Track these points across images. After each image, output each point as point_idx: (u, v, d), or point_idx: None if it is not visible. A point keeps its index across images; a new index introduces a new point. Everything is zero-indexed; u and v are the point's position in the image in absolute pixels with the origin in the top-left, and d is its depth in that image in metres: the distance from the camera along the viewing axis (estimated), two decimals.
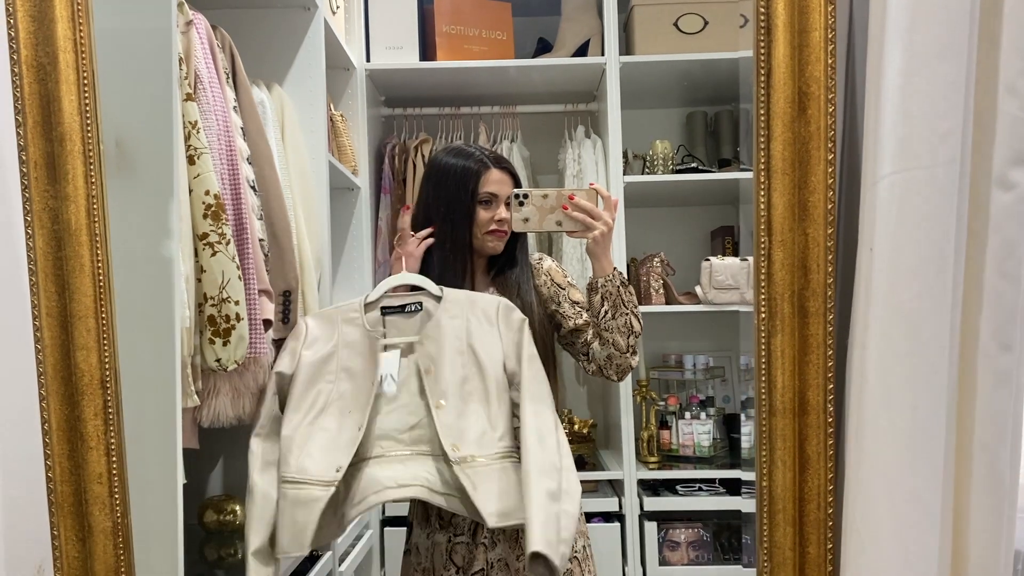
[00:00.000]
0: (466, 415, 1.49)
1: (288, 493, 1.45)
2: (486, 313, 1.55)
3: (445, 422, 1.47)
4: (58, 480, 1.19)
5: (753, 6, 1.18)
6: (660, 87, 2.93)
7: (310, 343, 1.56)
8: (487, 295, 1.60)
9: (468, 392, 1.50)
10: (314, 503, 1.43)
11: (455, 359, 1.51)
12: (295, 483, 1.46)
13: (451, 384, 1.50)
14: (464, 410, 1.49)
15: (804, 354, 1.21)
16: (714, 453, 2.71)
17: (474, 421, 1.48)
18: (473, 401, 1.50)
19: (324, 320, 1.59)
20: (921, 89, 1.06)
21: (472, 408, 1.49)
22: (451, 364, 1.51)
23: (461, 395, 1.50)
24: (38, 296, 1.18)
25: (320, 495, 1.44)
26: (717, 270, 2.65)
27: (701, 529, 2.67)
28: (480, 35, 2.79)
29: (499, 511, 1.41)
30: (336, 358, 1.55)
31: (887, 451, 1.12)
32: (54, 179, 1.18)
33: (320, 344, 1.56)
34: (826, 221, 1.19)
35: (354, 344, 1.55)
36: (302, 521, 1.43)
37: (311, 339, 1.56)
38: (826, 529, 1.22)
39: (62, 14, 1.16)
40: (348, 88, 2.63)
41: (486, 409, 1.50)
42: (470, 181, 1.65)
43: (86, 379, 1.19)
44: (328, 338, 1.56)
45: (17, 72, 1.16)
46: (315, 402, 1.52)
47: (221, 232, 1.44)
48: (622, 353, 1.63)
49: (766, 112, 1.18)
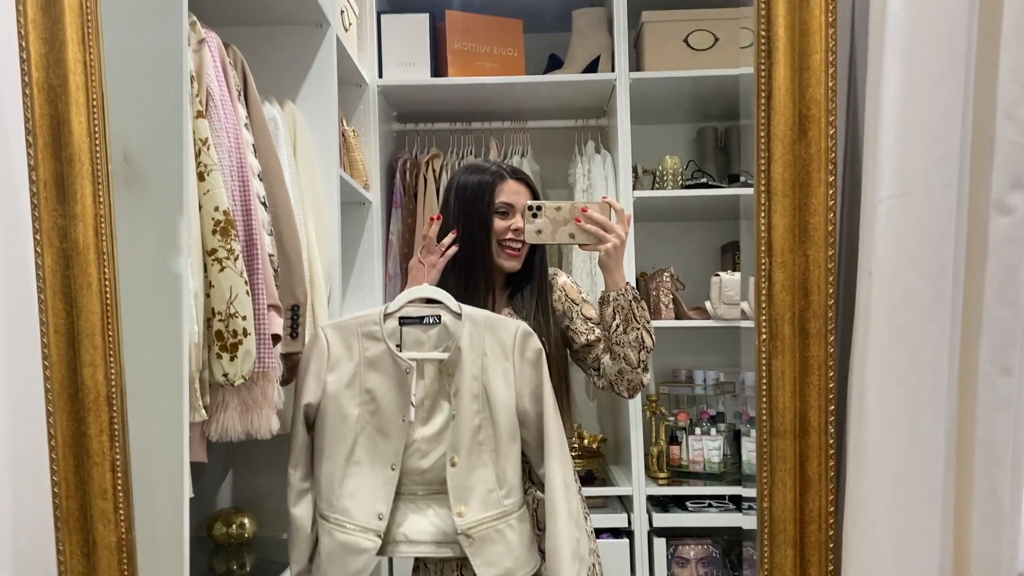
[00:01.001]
0: (475, 470, 1.52)
1: (335, 534, 1.51)
2: (503, 343, 1.54)
3: (456, 483, 1.51)
4: (63, 495, 1.21)
5: (754, 29, 1.19)
6: (670, 103, 2.94)
7: (333, 364, 1.53)
8: (506, 319, 1.59)
9: (480, 443, 1.52)
10: (363, 554, 1.50)
11: (471, 404, 1.52)
12: (339, 525, 1.51)
13: (466, 434, 1.52)
14: (475, 464, 1.52)
15: (805, 375, 1.20)
16: (724, 469, 2.70)
17: (482, 478, 1.52)
18: (484, 453, 1.52)
19: (342, 332, 1.55)
20: (918, 113, 1.07)
21: (482, 461, 1.52)
22: (467, 409, 1.52)
23: (473, 447, 1.52)
24: (46, 313, 1.20)
25: (368, 547, 1.50)
26: (727, 285, 2.65)
27: (711, 546, 2.66)
28: (491, 52, 2.81)
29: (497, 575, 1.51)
30: (359, 379, 1.53)
31: (887, 473, 1.12)
32: (63, 199, 1.20)
33: (343, 365, 1.53)
34: (827, 243, 1.19)
35: (376, 362, 1.53)
36: (354, 569, 1.50)
37: (334, 359, 1.53)
38: (827, 551, 1.21)
39: (73, 37, 1.18)
40: (360, 104, 2.65)
41: (495, 463, 1.52)
42: (487, 192, 1.66)
43: (92, 396, 1.20)
44: (349, 356, 1.53)
45: (28, 94, 1.18)
46: (346, 434, 1.52)
47: (230, 248, 1.45)
48: (633, 368, 1.63)
49: (766, 134, 1.19)
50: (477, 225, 1.66)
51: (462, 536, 1.49)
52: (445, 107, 2.92)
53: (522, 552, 1.53)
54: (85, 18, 1.17)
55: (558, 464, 1.54)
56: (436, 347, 1.54)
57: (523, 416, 1.54)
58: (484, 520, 1.51)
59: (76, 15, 1.17)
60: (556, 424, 1.55)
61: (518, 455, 1.55)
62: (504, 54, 2.82)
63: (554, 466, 1.53)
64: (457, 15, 2.80)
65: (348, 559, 1.50)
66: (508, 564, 1.51)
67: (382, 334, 1.53)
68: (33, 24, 1.17)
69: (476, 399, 1.52)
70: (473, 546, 1.50)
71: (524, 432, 1.56)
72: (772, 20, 1.17)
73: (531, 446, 1.58)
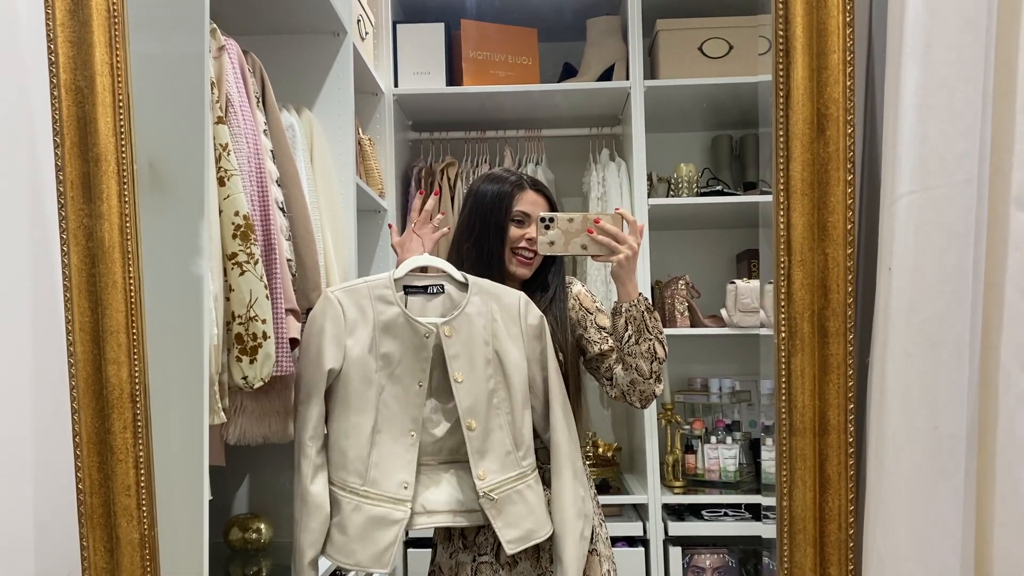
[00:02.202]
0: (492, 433, 1.53)
1: (365, 508, 1.48)
2: (509, 309, 1.56)
3: (475, 447, 1.51)
4: (88, 492, 1.22)
5: (772, 28, 1.20)
6: (685, 111, 2.94)
7: (351, 328, 1.49)
8: (508, 288, 1.60)
9: (496, 406, 1.53)
10: (394, 525, 1.48)
11: (484, 369, 1.53)
12: (367, 497, 1.48)
13: (480, 398, 1.52)
14: (492, 427, 1.53)
15: (824, 374, 1.20)
16: (740, 478, 2.69)
17: (500, 440, 1.53)
18: (500, 416, 1.53)
19: (353, 296, 1.51)
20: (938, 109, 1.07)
21: (498, 424, 1.53)
22: (481, 374, 1.53)
23: (488, 411, 1.52)
24: (71, 311, 1.21)
25: (399, 517, 1.48)
26: (743, 293, 2.64)
27: (726, 555, 2.64)
28: (506, 60, 2.83)
29: (518, 537, 1.52)
30: (375, 344, 1.51)
31: (908, 471, 1.12)
32: (89, 198, 1.21)
33: (360, 330, 1.49)
34: (846, 241, 1.19)
35: (391, 327, 1.51)
36: (384, 542, 1.47)
37: (350, 323, 1.49)
38: (847, 550, 1.21)
39: (100, 39, 1.20)
40: (376, 112, 2.67)
41: (511, 425, 1.54)
42: (504, 200, 1.68)
43: (116, 393, 1.22)
44: (364, 320, 1.50)
45: (56, 95, 1.20)
46: (371, 400, 1.50)
47: (249, 252, 1.46)
48: (645, 379, 1.63)
49: (785, 133, 1.19)
50: (493, 232, 1.68)
51: (484, 499, 1.49)
52: (460, 116, 2.93)
53: (540, 513, 1.54)
54: (112, 20, 1.19)
55: (562, 425, 1.56)
56: (442, 315, 1.54)
57: (531, 381, 1.56)
58: (505, 481, 1.52)
59: (103, 18, 1.19)
60: (560, 388, 1.58)
61: (530, 417, 1.57)
62: (519, 63, 2.83)
63: (559, 427, 1.56)
64: (472, 24, 2.82)
65: (379, 532, 1.47)
66: (529, 525, 1.52)
67: (395, 299, 1.52)
68: (61, 27, 1.19)
69: (489, 364, 1.53)
70: (495, 507, 1.50)
71: (532, 398, 1.57)
72: (790, 20, 1.18)
73: (537, 411, 1.59)
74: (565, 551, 1.53)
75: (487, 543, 1.64)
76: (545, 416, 1.58)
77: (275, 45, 2.04)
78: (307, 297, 1.74)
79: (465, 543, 1.67)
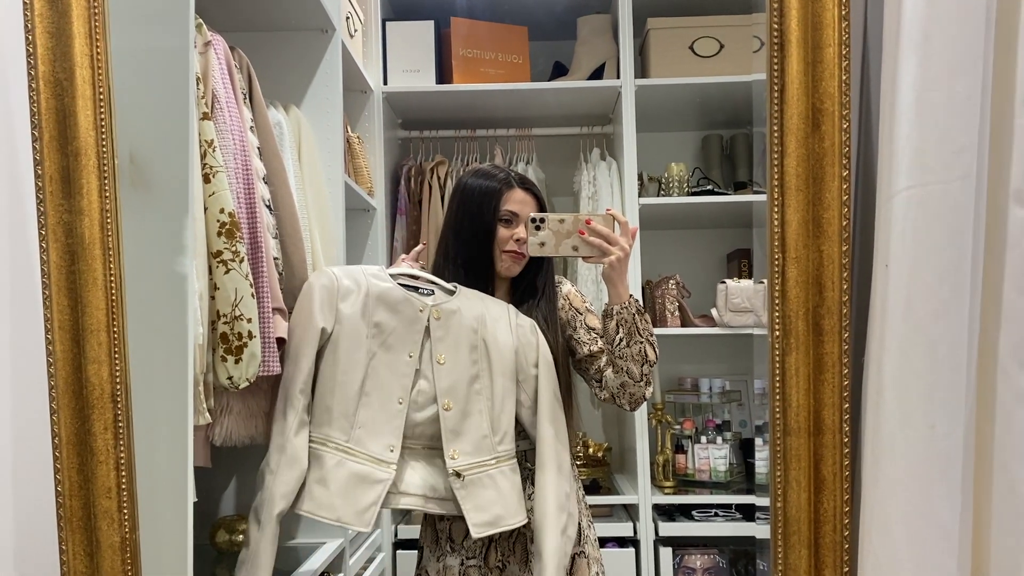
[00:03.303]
0: (470, 416, 1.53)
1: (348, 464, 1.46)
2: (500, 310, 1.59)
3: (449, 427, 1.51)
4: (67, 494, 1.20)
5: (767, 22, 1.18)
6: (675, 110, 2.94)
7: (344, 294, 1.51)
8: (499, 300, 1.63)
9: (477, 392, 1.53)
10: (377, 484, 1.46)
11: (469, 354, 1.53)
12: (351, 453, 1.47)
13: (461, 382, 1.53)
14: (468, 410, 1.53)
15: (819, 373, 1.19)
16: (730, 478, 2.68)
17: (476, 423, 1.53)
18: (480, 401, 1.53)
19: (347, 270, 1.55)
20: (936, 104, 1.06)
21: (477, 408, 1.53)
22: (465, 359, 1.53)
23: (468, 394, 1.53)
24: (51, 309, 1.19)
25: (383, 477, 1.47)
26: (733, 292, 2.63)
27: (717, 555, 2.63)
28: (496, 59, 2.81)
29: (485, 521, 1.50)
30: (368, 311, 1.51)
31: (904, 471, 1.11)
32: (69, 193, 1.19)
33: (353, 296, 1.51)
34: (841, 238, 1.18)
35: (384, 298, 1.52)
36: (366, 500, 1.46)
37: (343, 289, 1.51)
38: (842, 551, 1.20)
39: (80, 31, 1.17)
40: (365, 110, 2.65)
41: (490, 410, 1.54)
42: (492, 199, 1.65)
43: (97, 392, 1.19)
44: (357, 289, 1.52)
45: (34, 87, 1.18)
46: (360, 361, 1.50)
47: (235, 250, 1.44)
48: (635, 382, 1.61)
49: (780, 129, 1.18)
50: (481, 232, 1.65)
51: (452, 476, 1.48)
52: (450, 114, 2.92)
53: (512, 501, 1.53)
54: (92, 12, 1.17)
55: (549, 421, 1.56)
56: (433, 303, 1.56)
57: (521, 375, 1.56)
58: (476, 464, 1.51)
59: (83, 8, 1.17)
60: (550, 385, 1.57)
61: (513, 407, 1.57)
62: (509, 61, 2.82)
63: (545, 422, 1.55)
64: (462, 22, 2.81)
65: (361, 490, 1.46)
66: (498, 510, 1.50)
67: (389, 278, 1.54)
68: (40, 18, 1.16)
69: (475, 350, 1.54)
70: (464, 488, 1.49)
71: (519, 392, 1.57)
72: (784, 13, 1.16)
73: (525, 407, 1.58)
74: (545, 545, 1.50)
75: (476, 546, 1.62)
76: (534, 411, 1.58)
77: (263, 41, 2.02)
78: (294, 296, 1.72)
79: (453, 546, 1.64)
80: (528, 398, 1.58)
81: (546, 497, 1.52)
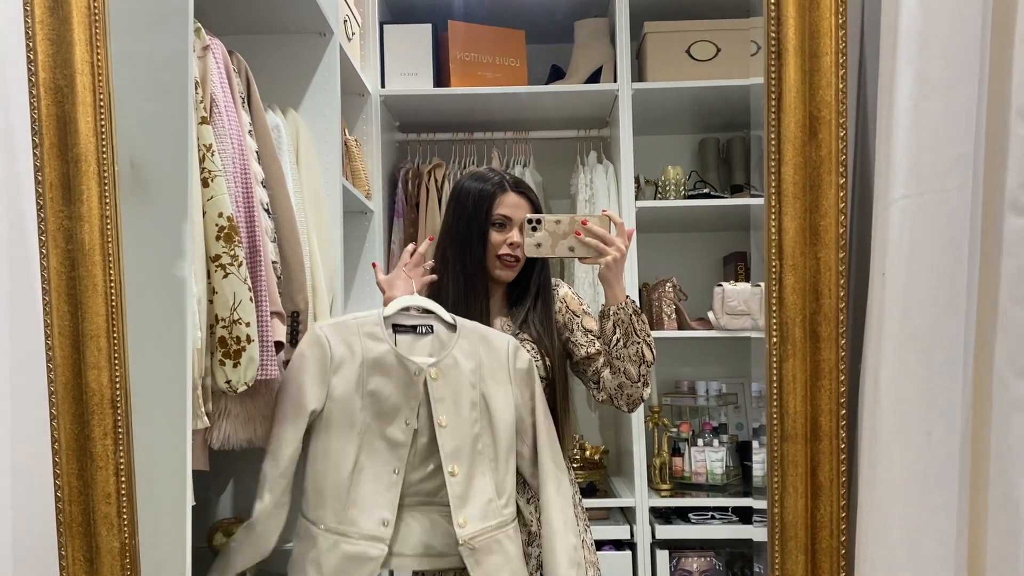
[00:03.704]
0: (475, 480, 1.50)
1: (342, 546, 1.46)
2: (498, 354, 1.54)
3: (456, 493, 1.48)
4: (67, 500, 1.20)
5: (764, 30, 1.19)
6: (672, 113, 2.94)
7: (337, 366, 1.47)
8: (497, 331, 1.59)
9: (479, 452, 1.51)
10: (369, 562, 1.46)
11: (469, 412, 1.50)
12: (345, 535, 1.46)
13: (464, 443, 1.50)
14: (473, 474, 1.50)
15: (816, 379, 1.20)
16: (727, 481, 2.69)
17: (481, 488, 1.50)
18: (484, 462, 1.51)
19: (342, 332, 1.49)
20: (933, 113, 1.06)
21: (481, 471, 1.50)
22: (466, 418, 1.50)
23: (472, 456, 1.50)
24: (51, 315, 1.19)
25: (376, 555, 1.46)
26: (729, 296, 2.64)
27: (714, 558, 2.64)
28: (494, 62, 2.81)
29: None
30: (362, 381, 1.48)
31: (901, 478, 1.11)
32: (69, 200, 1.19)
33: (347, 367, 1.47)
34: (838, 245, 1.18)
35: (379, 364, 1.48)
36: None
37: (337, 360, 1.47)
38: (839, 557, 1.20)
39: (80, 37, 1.17)
40: (363, 113, 2.65)
41: (494, 473, 1.51)
42: (485, 202, 1.65)
43: (96, 398, 1.19)
44: (352, 357, 1.48)
45: (35, 94, 1.18)
46: (353, 440, 1.47)
47: (233, 254, 1.44)
48: (633, 383, 1.61)
49: (777, 136, 1.18)
50: (475, 237, 1.65)
51: (463, 547, 1.46)
52: (447, 117, 2.92)
53: (518, 564, 1.52)
54: (93, 18, 1.17)
55: (551, 472, 1.54)
56: (430, 355, 1.52)
57: (519, 426, 1.54)
58: (485, 530, 1.49)
59: (84, 15, 1.17)
60: (548, 432, 1.55)
61: (515, 465, 1.55)
62: (506, 64, 2.82)
63: (548, 474, 1.53)
64: (459, 25, 2.81)
65: (354, 570, 1.46)
66: (505, 575, 1.49)
67: (384, 335, 1.50)
68: (40, 24, 1.16)
69: (475, 407, 1.51)
70: (474, 556, 1.47)
71: (519, 443, 1.55)
72: (782, 22, 1.17)
73: (525, 457, 1.57)
74: None
75: None
76: (533, 461, 1.56)
77: (261, 45, 2.01)
78: (292, 300, 1.72)
79: None
80: (528, 448, 1.56)
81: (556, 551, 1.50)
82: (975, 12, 1.06)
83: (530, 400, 1.55)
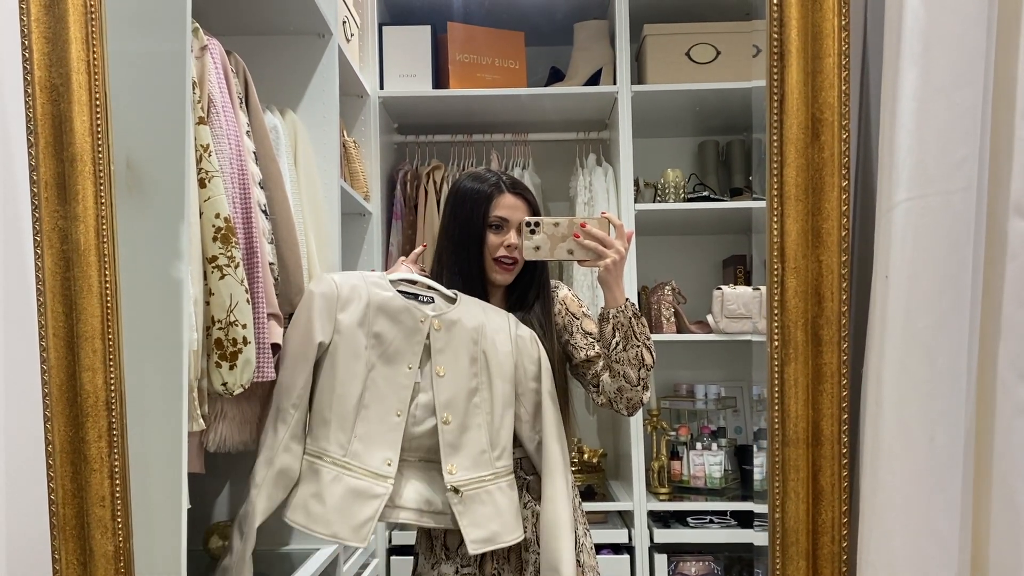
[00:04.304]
0: (468, 430, 1.51)
1: (345, 479, 1.45)
2: (500, 321, 1.57)
3: (448, 441, 1.50)
4: (60, 503, 1.18)
5: (766, 32, 1.18)
6: (672, 116, 2.94)
7: (344, 303, 1.49)
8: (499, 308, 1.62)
9: (475, 405, 1.52)
10: (374, 499, 1.45)
11: (469, 367, 1.52)
12: (348, 468, 1.46)
13: (460, 394, 1.51)
14: (468, 425, 1.51)
15: (818, 383, 1.19)
16: (726, 485, 2.68)
17: (475, 438, 1.51)
18: (479, 415, 1.52)
19: (347, 277, 1.53)
20: (936, 115, 1.06)
21: (476, 422, 1.52)
22: (465, 371, 1.52)
23: (467, 408, 1.52)
24: (45, 316, 1.18)
25: (381, 492, 1.46)
26: (729, 299, 2.63)
27: (712, 562, 2.63)
28: (493, 64, 2.81)
29: (482, 538, 1.49)
30: (368, 321, 1.50)
31: (903, 483, 1.10)
32: (64, 199, 1.18)
33: (353, 305, 1.49)
34: (840, 248, 1.18)
35: (385, 307, 1.51)
36: (363, 516, 1.45)
37: (344, 299, 1.49)
38: (840, 563, 1.19)
39: (76, 35, 1.16)
40: (361, 115, 2.65)
41: (489, 425, 1.53)
42: (482, 204, 1.64)
43: (91, 400, 1.18)
44: (358, 298, 1.50)
45: (30, 93, 1.17)
46: (358, 373, 1.48)
47: (230, 255, 1.43)
48: (632, 386, 1.60)
49: (779, 139, 1.17)
50: (471, 239, 1.64)
51: (450, 492, 1.47)
52: (446, 119, 2.91)
53: (510, 518, 1.52)
54: (89, 16, 1.16)
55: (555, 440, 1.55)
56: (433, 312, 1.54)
57: (520, 388, 1.55)
58: (475, 479, 1.50)
59: (80, 13, 1.16)
60: (555, 419, 1.56)
61: (512, 422, 1.56)
62: (506, 66, 2.82)
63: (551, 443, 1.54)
64: (459, 27, 2.80)
65: (359, 505, 1.45)
66: (495, 527, 1.49)
67: (390, 288, 1.52)
68: (36, 22, 1.15)
69: (475, 363, 1.53)
70: (461, 504, 1.47)
71: (517, 405, 1.56)
72: (784, 24, 1.16)
73: (523, 421, 1.57)
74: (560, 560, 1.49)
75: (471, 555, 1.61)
76: (533, 427, 1.57)
77: (259, 46, 2.01)
78: (290, 301, 1.71)
79: (448, 553, 1.63)
80: (527, 412, 1.57)
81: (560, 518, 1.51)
82: (980, 13, 1.05)
83: (533, 367, 1.56)
